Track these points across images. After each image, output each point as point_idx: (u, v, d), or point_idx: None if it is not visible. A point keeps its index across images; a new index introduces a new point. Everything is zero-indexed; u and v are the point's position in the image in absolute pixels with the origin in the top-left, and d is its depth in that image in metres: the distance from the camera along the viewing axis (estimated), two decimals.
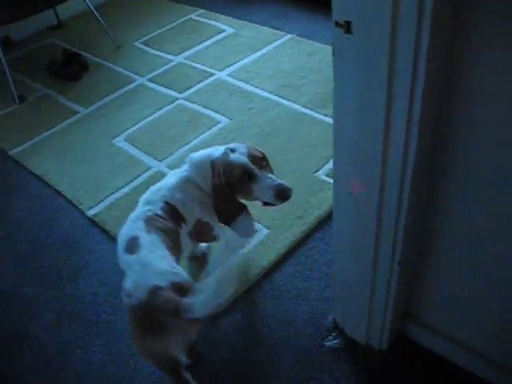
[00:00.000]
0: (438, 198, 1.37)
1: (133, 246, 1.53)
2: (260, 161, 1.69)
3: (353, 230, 1.50)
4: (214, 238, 1.89)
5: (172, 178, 1.75)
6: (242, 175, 1.65)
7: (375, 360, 1.75)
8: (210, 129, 2.76)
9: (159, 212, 1.64)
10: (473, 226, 1.35)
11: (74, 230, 2.34)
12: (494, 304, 1.48)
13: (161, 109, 2.96)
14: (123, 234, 1.61)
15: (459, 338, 1.65)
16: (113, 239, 2.23)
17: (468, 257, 1.43)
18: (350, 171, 1.37)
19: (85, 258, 2.21)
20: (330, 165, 2.43)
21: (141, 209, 1.67)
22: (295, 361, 1.76)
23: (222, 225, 1.79)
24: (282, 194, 1.66)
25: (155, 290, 1.39)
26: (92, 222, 2.35)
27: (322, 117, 2.76)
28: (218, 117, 2.85)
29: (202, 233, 1.81)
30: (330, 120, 2.69)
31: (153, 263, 1.47)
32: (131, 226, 1.61)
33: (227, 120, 2.82)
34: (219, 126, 2.79)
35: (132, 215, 1.67)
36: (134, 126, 2.88)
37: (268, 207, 1.76)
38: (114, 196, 2.43)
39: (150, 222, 1.60)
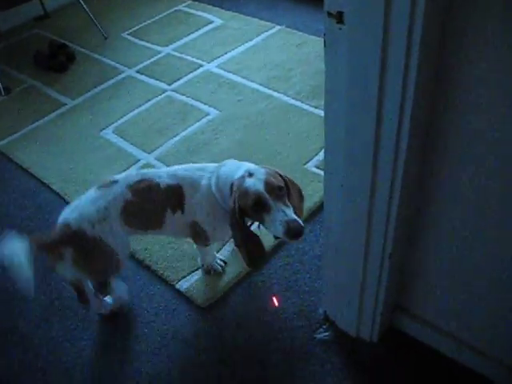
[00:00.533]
0: (428, 192, 1.37)
1: (105, 184, 1.75)
2: (277, 190, 1.58)
3: (344, 222, 1.49)
4: (204, 244, 1.89)
5: (207, 167, 1.77)
6: (255, 204, 1.57)
7: (366, 352, 1.75)
8: (198, 120, 2.75)
9: (160, 183, 1.73)
10: (462, 218, 1.35)
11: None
12: (482, 295, 1.48)
13: (149, 100, 2.94)
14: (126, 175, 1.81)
15: (449, 330, 1.65)
16: None
17: (457, 249, 1.44)
18: (342, 163, 1.36)
19: None
20: (320, 157, 2.43)
21: (154, 170, 1.83)
22: (286, 353, 1.76)
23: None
24: (292, 232, 1.54)
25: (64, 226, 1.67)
26: None
27: (311, 108, 2.75)
28: (207, 108, 2.83)
29: (195, 232, 1.82)
30: (319, 112, 2.69)
31: (87, 204, 1.70)
32: (128, 174, 1.81)
33: (216, 112, 2.80)
34: (208, 117, 2.77)
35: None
36: (122, 117, 2.85)
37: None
38: None
39: (139, 183, 1.73)
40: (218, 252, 2.07)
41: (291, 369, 1.72)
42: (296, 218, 1.57)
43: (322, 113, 2.61)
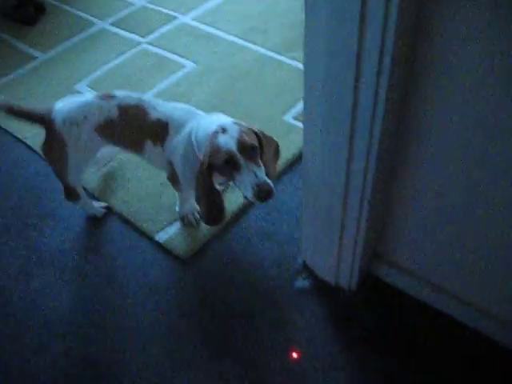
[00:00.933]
0: (407, 137, 1.37)
1: (103, 96, 1.81)
2: (250, 150, 1.55)
3: (322, 169, 1.49)
4: (177, 189, 1.91)
5: (201, 117, 1.76)
6: (225, 163, 1.55)
7: (345, 300, 1.78)
8: (174, 73, 2.71)
9: (150, 115, 1.76)
10: (441, 161, 1.36)
11: (37, 179, 2.29)
12: (458, 240, 1.51)
13: (124, 53, 2.88)
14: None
15: (426, 276, 1.69)
16: None
17: (434, 194, 1.45)
18: (321, 108, 1.35)
19: (50, 206, 2.17)
20: (298, 108, 2.42)
21: (154, 99, 1.87)
22: (266, 302, 1.79)
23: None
24: (261, 194, 1.53)
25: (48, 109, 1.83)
26: None
27: (288, 60, 2.73)
28: (183, 61, 2.79)
29: (171, 173, 1.83)
30: (296, 63, 2.67)
31: (75, 104, 1.80)
32: (128, 95, 1.82)
33: (192, 64, 2.76)
34: (184, 70, 2.73)
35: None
36: (96, 71, 2.79)
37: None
38: None
39: (132, 107, 1.78)
40: None
41: (271, 316, 1.75)
42: (267, 180, 1.55)
43: (299, 64, 2.63)
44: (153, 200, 2.10)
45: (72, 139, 1.79)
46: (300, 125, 2.33)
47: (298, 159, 2.20)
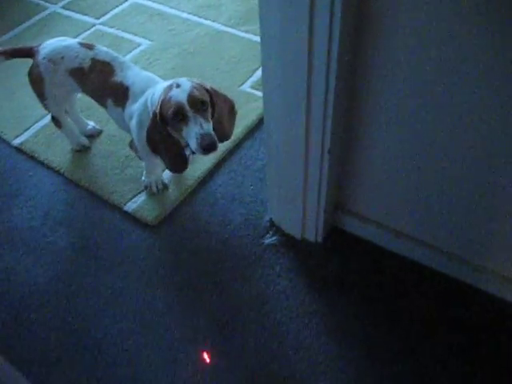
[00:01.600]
0: (362, 81, 1.44)
1: (85, 45, 1.96)
2: (199, 104, 1.63)
3: (283, 123, 1.56)
4: (136, 154, 1.99)
5: (157, 83, 1.83)
6: (174, 113, 1.62)
7: (312, 252, 1.86)
8: (131, 52, 2.73)
9: (117, 76, 1.87)
10: (396, 107, 1.43)
11: (1, 161, 2.29)
12: (417, 186, 1.60)
13: (78, 36, 2.87)
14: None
15: (386, 223, 1.78)
16: (43, 165, 2.22)
17: (392, 141, 1.53)
18: (278, 62, 1.41)
19: (15, 186, 2.18)
20: (254, 78, 2.49)
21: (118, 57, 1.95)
22: (237, 259, 1.85)
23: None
24: (204, 145, 1.61)
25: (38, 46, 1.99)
26: (19, 150, 2.30)
27: (242, 34, 2.78)
28: (139, 39, 2.81)
29: (132, 143, 1.91)
30: (250, 36, 2.74)
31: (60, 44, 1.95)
32: (108, 51, 1.95)
33: (148, 42, 2.79)
34: (140, 48, 2.75)
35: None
36: None
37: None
38: (40, 123, 2.38)
39: (103, 63, 1.89)
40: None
41: (243, 272, 1.81)
42: (211, 132, 1.63)
43: (253, 37, 2.70)
44: (119, 173, 2.14)
45: (48, 74, 1.94)
46: (258, 93, 2.40)
47: (257, 125, 2.27)
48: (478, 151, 1.38)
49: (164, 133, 1.69)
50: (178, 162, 1.77)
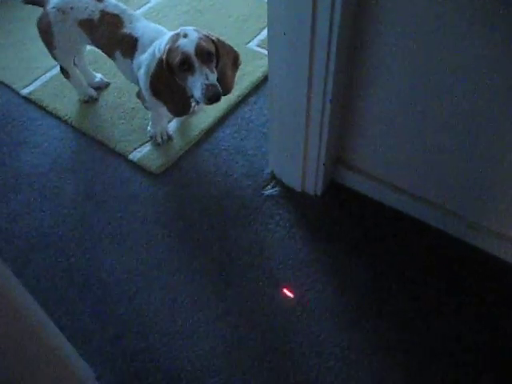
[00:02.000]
0: (365, 32, 1.47)
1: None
2: (206, 55, 1.68)
3: (287, 73, 1.59)
4: (143, 105, 2.04)
5: (165, 35, 1.83)
6: (181, 63, 1.67)
7: (311, 204, 1.91)
8: (140, 8, 2.75)
9: (125, 28, 1.90)
10: (399, 58, 1.46)
11: (9, 109, 2.33)
12: (416, 141, 1.63)
13: None
14: None
15: (385, 178, 1.82)
16: (51, 114, 2.26)
17: (392, 95, 1.56)
18: (284, 11, 1.44)
19: (24, 134, 2.22)
20: (261, 36, 2.52)
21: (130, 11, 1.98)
22: (238, 208, 1.90)
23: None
24: (209, 95, 1.66)
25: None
26: (28, 100, 2.35)
27: None
28: None
29: (140, 93, 1.95)
30: None
31: None
32: (117, 4, 1.97)
33: None
34: (149, 4, 2.78)
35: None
36: None
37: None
38: (49, 74, 2.42)
39: (112, 16, 1.92)
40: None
41: (243, 220, 1.87)
42: (216, 83, 1.69)
43: None
44: (125, 123, 2.18)
45: (57, 24, 1.97)
46: (263, 51, 2.43)
47: (262, 82, 2.31)
48: (478, 104, 1.42)
49: (169, 79, 1.73)
50: (180, 106, 1.81)
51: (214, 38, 1.75)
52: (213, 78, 1.69)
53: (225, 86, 1.79)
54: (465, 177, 1.61)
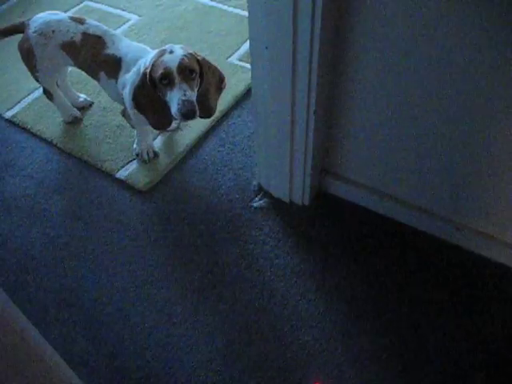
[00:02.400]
0: (347, 43, 1.50)
1: (76, 19, 1.99)
2: (187, 72, 1.69)
3: (271, 85, 1.61)
4: (129, 123, 2.05)
5: (149, 53, 1.86)
6: (162, 77, 1.69)
7: (299, 214, 1.93)
8: (120, 27, 2.77)
9: (108, 48, 1.91)
10: (382, 68, 1.49)
11: None
12: (400, 148, 1.66)
13: (67, 11, 2.90)
14: None
15: (373, 186, 1.84)
16: (36, 136, 2.26)
17: (375, 104, 1.59)
18: (265, 25, 1.46)
19: (9, 156, 2.22)
20: (242, 51, 2.54)
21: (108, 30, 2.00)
22: (227, 221, 1.91)
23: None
24: (184, 111, 1.68)
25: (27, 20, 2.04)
26: (11, 123, 2.35)
27: (230, 8, 2.84)
28: (127, 15, 2.85)
29: (125, 111, 1.95)
30: (238, 11, 2.78)
31: (52, 18, 1.99)
32: (99, 25, 1.99)
33: (137, 17, 2.83)
34: (129, 23, 2.80)
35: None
36: None
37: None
38: (31, 96, 2.42)
39: (95, 37, 1.94)
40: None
41: (232, 234, 1.88)
42: (193, 99, 1.70)
43: (240, 12, 2.73)
44: (111, 142, 2.19)
45: (39, 48, 1.98)
46: (245, 65, 2.46)
47: (245, 96, 2.33)
48: (461, 111, 1.45)
49: (151, 92, 1.75)
50: (161, 119, 1.82)
51: (199, 58, 1.77)
52: (190, 94, 1.70)
53: (207, 106, 1.81)
54: (450, 180, 1.64)
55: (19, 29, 2.03)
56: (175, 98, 1.69)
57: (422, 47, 1.36)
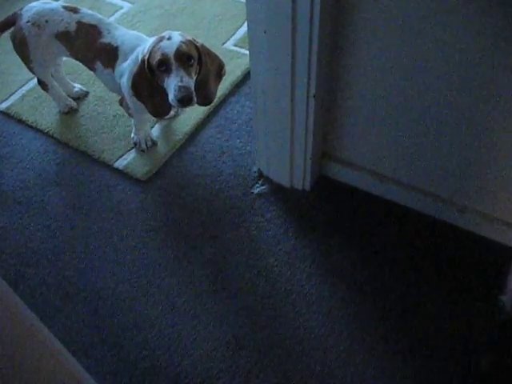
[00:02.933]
0: (346, 26, 1.48)
1: (69, 7, 1.95)
2: (185, 59, 1.67)
3: (270, 70, 1.59)
4: (127, 112, 2.01)
5: (147, 40, 1.82)
6: (159, 63, 1.67)
7: (301, 199, 1.91)
8: (113, 14, 2.73)
9: (104, 37, 1.88)
10: (380, 55, 1.48)
11: None
12: (400, 130, 1.65)
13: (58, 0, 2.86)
14: None
15: (373, 169, 1.83)
16: (32, 128, 2.24)
17: (374, 85, 1.58)
18: (263, 12, 1.44)
19: (5, 149, 2.19)
20: (238, 35, 2.52)
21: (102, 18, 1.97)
22: (228, 208, 1.90)
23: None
24: (180, 97, 1.66)
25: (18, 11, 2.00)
26: (6, 115, 2.31)
27: None
28: (120, 2, 2.82)
29: (123, 100, 1.92)
30: None
31: (44, 7, 1.95)
32: (94, 14, 1.97)
33: (129, 5, 2.79)
34: (122, 11, 2.76)
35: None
36: None
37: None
38: (26, 87, 2.39)
39: (90, 26, 1.91)
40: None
41: (234, 221, 1.87)
42: (190, 86, 1.67)
43: None
44: (108, 132, 2.16)
45: (32, 38, 1.94)
46: (241, 50, 2.43)
47: (242, 81, 2.31)
48: (461, 91, 1.43)
49: (149, 79, 1.73)
50: (159, 107, 1.80)
51: (198, 44, 1.75)
52: (187, 80, 1.68)
53: (206, 94, 1.79)
54: (451, 161, 1.63)
55: (13, 20, 1.99)
56: (172, 85, 1.67)
57: (423, 29, 1.34)
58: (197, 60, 1.73)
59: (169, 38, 1.70)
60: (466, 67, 1.37)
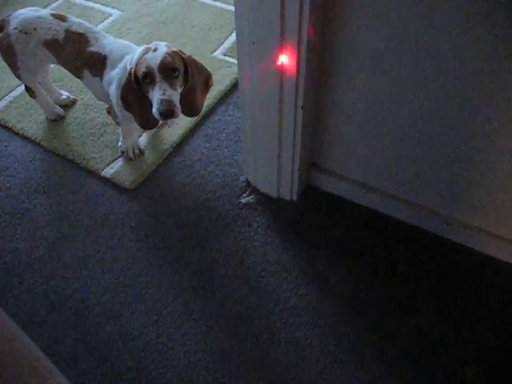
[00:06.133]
0: (336, 35, 1.49)
1: (57, 15, 1.96)
2: (169, 71, 1.67)
3: (256, 80, 1.60)
4: (114, 120, 2.01)
5: (135, 49, 1.82)
6: (144, 75, 1.67)
7: (288, 209, 1.92)
8: (102, 22, 2.73)
9: (92, 46, 1.88)
10: (367, 67, 1.49)
11: None
12: (388, 142, 1.66)
13: (47, 7, 2.86)
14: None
15: (361, 180, 1.84)
16: (18, 135, 2.23)
17: (362, 99, 1.58)
18: (251, 19, 1.44)
19: None
20: (226, 44, 2.52)
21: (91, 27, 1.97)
22: (215, 218, 1.90)
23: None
24: (162, 110, 1.66)
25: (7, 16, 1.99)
26: None
27: (212, 2, 2.80)
28: (109, 10, 2.81)
29: (110, 109, 1.92)
30: (220, 4, 2.75)
31: (32, 15, 1.95)
32: (82, 22, 1.97)
33: (119, 12, 2.79)
34: (111, 18, 2.76)
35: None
36: None
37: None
38: (13, 94, 2.38)
39: (77, 34, 1.90)
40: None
41: (221, 230, 1.86)
42: (172, 99, 1.67)
43: (223, 5, 2.71)
44: (95, 140, 2.16)
45: (20, 45, 1.94)
46: (229, 59, 2.44)
47: (230, 90, 2.31)
48: (448, 105, 1.45)
49: (137, 91, 1.73)
50: (146, 118, 1.80)
51: (184, 56, 1.74)
52: (170, 93, 1.67)
53: (193, 105, 1.79)
54: (438, 174, 1.64)
55: (3, 20, 1.98)
56: (155, 97, 1.67)
57: (411, 39, 1.35)
58: (182, 71, 1.72)
59: (154, 50, 1.70)
60: (452, 85, 1.38)
